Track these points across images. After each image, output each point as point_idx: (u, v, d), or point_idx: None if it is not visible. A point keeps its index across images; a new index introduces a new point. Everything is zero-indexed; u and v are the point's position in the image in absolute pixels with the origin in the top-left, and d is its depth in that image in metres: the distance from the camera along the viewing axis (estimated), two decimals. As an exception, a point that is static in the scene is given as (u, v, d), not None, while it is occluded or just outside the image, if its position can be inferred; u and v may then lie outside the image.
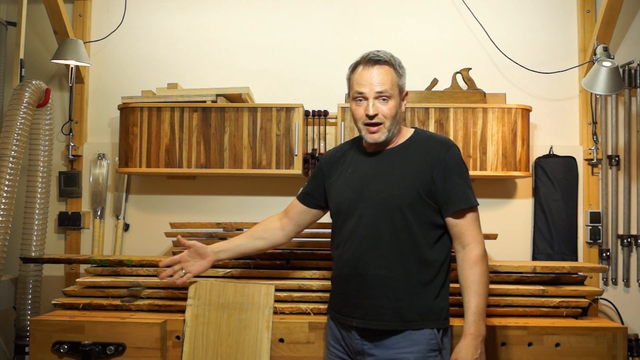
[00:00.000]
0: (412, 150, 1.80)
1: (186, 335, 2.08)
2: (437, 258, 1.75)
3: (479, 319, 1.70)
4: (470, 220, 1.75)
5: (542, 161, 2.80)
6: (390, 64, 1.78)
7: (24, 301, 2.65)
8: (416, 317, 1.72)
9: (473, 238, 1.74)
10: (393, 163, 1.79)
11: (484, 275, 1.72)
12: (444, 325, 1.76)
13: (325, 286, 2.25)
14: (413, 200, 1.73)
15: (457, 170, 1.76)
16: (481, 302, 1.70)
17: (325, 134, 2.73)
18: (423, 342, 1.71)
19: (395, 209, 1.73)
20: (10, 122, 2.50)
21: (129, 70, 2.96)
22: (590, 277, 2.72)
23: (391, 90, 1.76)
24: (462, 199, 1.74)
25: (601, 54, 2.51)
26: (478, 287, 1.70)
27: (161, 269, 2.04)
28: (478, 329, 1.69)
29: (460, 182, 1.75)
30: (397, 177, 1.76)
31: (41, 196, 2.65)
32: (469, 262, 1.72)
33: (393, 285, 1.72)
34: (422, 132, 1.89)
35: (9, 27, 2.92)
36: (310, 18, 2.93)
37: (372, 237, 1.75)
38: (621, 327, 2.14)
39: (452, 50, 2.87)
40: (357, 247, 1.76)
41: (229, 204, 2.88)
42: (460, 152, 1.81)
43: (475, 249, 1.74)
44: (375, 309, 1.73)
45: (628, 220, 2.78)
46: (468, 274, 1.72)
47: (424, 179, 1.74)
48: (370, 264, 1.74)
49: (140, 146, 2.64)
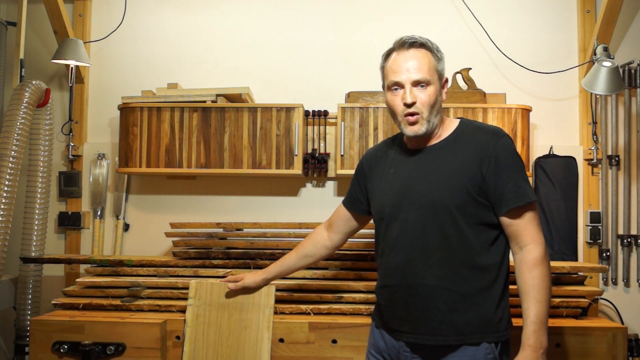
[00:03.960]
0: (459, 145, 1.63)
1: (186, 335, 2.08)
2: (494, 262, 1.59)
3: (540, 328, 1.51)
4: (528, 218, 1.57)
5: (542, 161, 2.80)
6: (426, 46, 1.63)
7: (24, 301, 2.65)
8: (473, 329, 1.55)
9: (531, 238, 1.56)
10: (438, 160, 1.63)
11: (545, 280, 1.54)
12: (504, 337, 1.58)
13: (325, 286, 2.26)
14: (463, 201, 1.57)
15: (509, 163, 1.58)
16: (542, 310, 1.52)
17: (325, 134, 2.73)
18: (479, 358, 1.55)
19: (443, 212, 1.57)
20: (10, 122, 2.50)
21: (129, 70, 2.96)
22: (590, 277, 2.72)
23: (429, 75, 1.60)
24: (516, 196, 1.56)
25: (601, 54, 2.51)
26: (538, 293, 1.52)
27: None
28: (538, 340, 1.50)
29: (514, 176, 1.57)
30: (444, 177, 1.60)
31: (41, 196, 2.65)
32: (528, 265, 1.55)
33: (445, 295, 1.56)
34: (469, 122, 1.70)
35: (9, 27, 2.92)
36: (310, 18, 2.93)
37: (419, 244, 1.59)
38: (621, 327, 2.14)
39: (452, 50, 2.84)
40: (404, 255, 1.61)
41: (229, 204, 2.88)
42: (512, 143, 1.63)
43: (535, 250, 1.55)
44: (427, 322, 1.58)
45: (628, 220, 2.78)
46: (526, 278, 1.54)
47: (474, 176, 1.57)
48: (419, 273, 1.59)
49: (140, 146, 2.63)
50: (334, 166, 2.68)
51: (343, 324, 2.10)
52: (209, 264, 2.38)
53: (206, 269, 2.37)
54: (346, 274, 2.32)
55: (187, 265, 2.39)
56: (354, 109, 2.60)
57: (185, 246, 2.48)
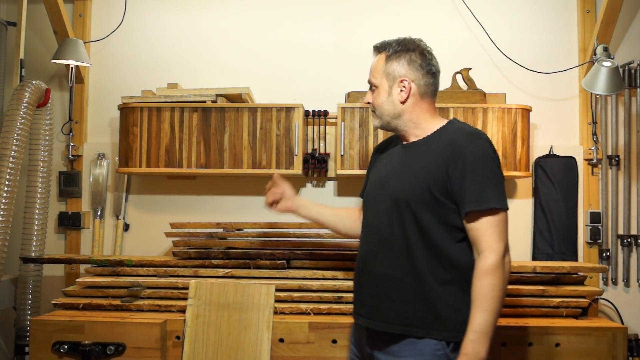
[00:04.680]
0: (434, 144, 1.65)
1: (186, 335, 2.08)
2: (455, 262, 1.58)
3: (479, 338, 1.49)
4: (487, 224, 1.54)
5: (542, 161, 2.80)
6: (382, 50, 1.73)
7: (24, 301, 2.65)
8: (419, 323, 1.58)
9: (488, 245, 1.54)
10: (413, 157, 1.68)
11: (493, 290, 1.51)
12: (456, 338, 1.55)
13: (325, 286, 2.26)
14: (423, 199, 1.59)
15: (476, 166, 1.56)
16: (485, 320, 1.50)
17: (325, 134, 2.73)
18: (428, 353, 1.57)
19: (404, 207, 1.61)
20: (10, 122, 2.50)
21: (129, 70, 2.96)
22: (590, 277, 2.72)
23: (375, 79, 1.73)
24: (476, 200, 1.54)
25: (601, 54, 2.51)
26: (484, 302, 1.51)
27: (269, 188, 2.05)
28: (475, 349, 1.49)
29: (479, 180, 1.56)
30: (411, 173, 1.65)
31: (41, 196, 2.65)
32: (478, 273, 1.53)
33: (398, 286, 1.61)
34: (454, 123, 1.71)
35: (9, 27, 2.91)
36: (310, 18, 2.93)
37: (384, 234, 1.65)
38: (621, 327, 2.14)
39: (452, 50, 2.86)
40: (370, 244, 1.70)
41: (229, 204, 2.88)
42: (488, 147, 1.61)
43: (488, 257, 1.53)
44: (379, 309, 1.64)
45: (628, 220, 2.78)
46: (475, 286, 1.53)
47: (439, 176, 1.59)
48: (379, 263, 1.65)
49: (140, 146, 2.63)
50: (334, 166, 2.68)
51: (343, 324, 2.10)
52: (209, 264, 2.38)
53: (206, 269, 2.37)
54: (346, 274, 2.32)
55: (187, 265, 2.39)
56: (354, 109, 2.61)
57: (185, 246, 2.48)
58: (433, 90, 1.73)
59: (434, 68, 1.72)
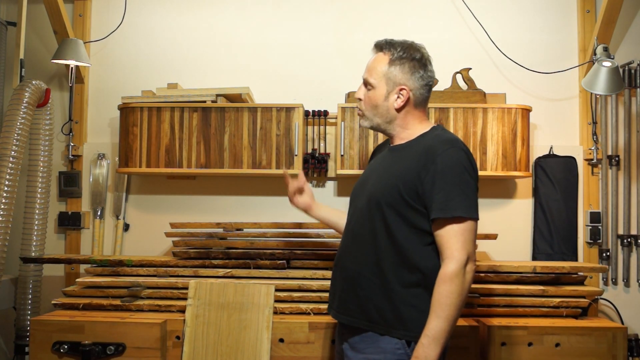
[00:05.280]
0: (413, 148, 1.67)
1: (186, 335, 2.08)
2: (421, 265, 1.60)
3: (431, 343, 1.51)
4: (452, 232, 1.55)
5: (542, 161, 2.80)
6: (386, 50, 1.70)
7: (24, 301, 2.65)
8: (380, 320, 1.61)
9: (450, 253, 1.55)
10: (392, 160, 1.71)
11: (450, 296, 1.52)
12: (417, 339, 1.56)
13: (325, 286, 2.26)
14: (393, 200, 1.62)
15: (446, 174, 1.57)
16: (438, 326, 1.51)
17: (325, 134, 2.73)
18: (389, 351, 1.60)
19: (376, 207, 1.65)
20: (10, 122, 2.50)
21: (129, 70, 2.96)
22: (590, 277, 2.72)
23: (373, 79, 1.70)
24: (442, 207, 1.55)
25: (601, 54, 2.51)
26: (439, 309, 1.52)
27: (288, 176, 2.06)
28: (425, 354, 1.51)
29: (447, 188, 1.56)
30: (386, 175, 1.68)
31: (41, 196, 2.65)
32: (439, 279, 1.54)
33: (365, 282, 1.64)
34: (436, 130, 1.72)
35: (9, 27, 2.91)
36: (310, 18, 2.93)
37: (357, 233, 1.71)
38: (621, 327, 2.14)
39: (452, 50, 2.86)
40: (346, 240, 1.76)
41: (229, 204, 2.88)
42: (462, 156, 1.61)
43: (448, 264, 1.54)
44: (346, 303, 1.69)
45: (628, 220, 2.78)
46: (434, 292, 1.54)
47: (410, 180, 1.61)
48: (350, 259, 1.70)
49: (140, 146, 2.64)
50: (334, 166, 2.69)
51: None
52: (209, 264, 2.38)
53: (206, 269, 2.37)
54: (346, 274, 2.32)
55: (187, 265, 2.39)
56: (354, 109, 2.60)
57: (185, 246, 2.48)
58: (426, 99, 1.75)
59: (432, 80, 1.74)
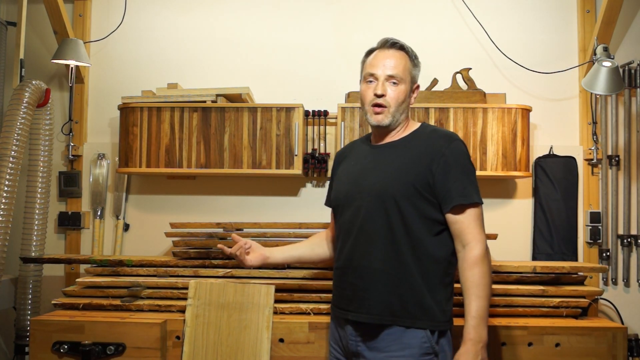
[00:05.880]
0: (414, 143, 1.75)
1: (186, 335, 2.08)
2: (437, 254, 1.67)
3: (480, 323, 1.61)
4: (471, 217, 1.66)
5: (542, 161, 2.80)
6: (405, 50, 1.78)
7: (24, 301, 2.65)
8: (405, 312, 1.65)
9: (473, 237, 1.65)
10: (392, 155, 1.75)
11: (485, 277, 1.63)
12: (441, 327, 1.66)
13: (325, 286, 2.26)
14: (407, 192, 1.67)
15: (458, 165, 1.68)
16: (482, 305, 1.61)
17: (325, 134, 2.73)
18: (415, 345, 1.64)
19: (389, 201, 1.67)
20: (10, 122, 2.50)
21: (129, 70, 2.96)
22: (590, 277, 2.72)
23: (403, 75, 1.74)
24: (462, 195, 1.65)
25: (601, 54, 2.51)
26: (478, 289, 1.62)
27: (224, 247, 1.89)
28: (478, 334, 1.60)
29: (461, 178, 1.67)
30: (394, 169, 1.71)
31: (41, 196, 2.65)
32: (469, 263, 1.63)
33: (386, 279, 1.66)
34: (428, 126, 1.83)
35: (9, 27, 2.92)
36: (310, 18, 2.93)
37: (367, 230, 1.70)
38: (621, 327, 2.14)
39: (452, 50, 2.87)
40: (354, 240, 1.73)
41: (229, 204, 2.88)
42: (464, 148, 1.74)
43: (475, 248, 1.64)
44: (366, 302, 1.68)
45: (628, 220, 2.78)
46: (467, 276, 1.63)
47: (422, 172, 1.68)
48: (365, 257, 1.69)
49: (140, 146, 2.64)
50: (334, 166, 2.68)
51: (343, 324, 2.10)
52: (209, 264, 2.38)
53: (206, 269, 2.37)
54: (346, 274, 2.32)
55: (187, 265, 2.39)
56: (354, 109, 2.61)
57: (185, 246, 2.48)
58: None
59: None
